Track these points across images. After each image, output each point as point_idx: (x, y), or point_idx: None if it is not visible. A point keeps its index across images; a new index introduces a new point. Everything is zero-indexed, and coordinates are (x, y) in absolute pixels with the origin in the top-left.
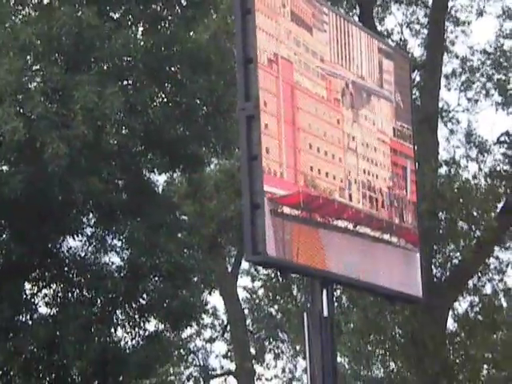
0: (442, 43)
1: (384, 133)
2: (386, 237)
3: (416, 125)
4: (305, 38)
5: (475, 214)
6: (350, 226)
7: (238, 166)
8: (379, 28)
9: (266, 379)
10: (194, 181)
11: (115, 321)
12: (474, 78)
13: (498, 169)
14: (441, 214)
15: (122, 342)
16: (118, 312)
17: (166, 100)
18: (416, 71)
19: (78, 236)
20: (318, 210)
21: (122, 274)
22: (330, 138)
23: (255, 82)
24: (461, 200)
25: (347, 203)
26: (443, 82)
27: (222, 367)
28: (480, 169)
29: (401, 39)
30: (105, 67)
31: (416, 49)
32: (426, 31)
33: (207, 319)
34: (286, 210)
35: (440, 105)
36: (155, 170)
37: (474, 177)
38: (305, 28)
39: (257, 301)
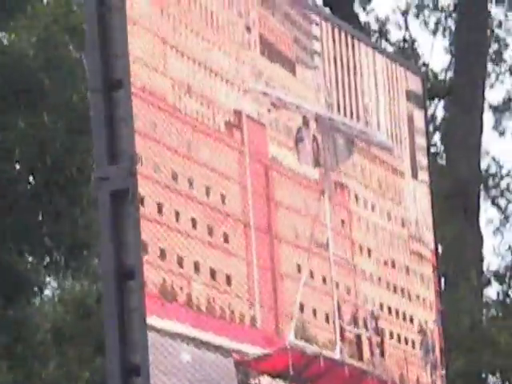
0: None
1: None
2: None
3: (438, 204)
4: (284, 81)
5: None
6: None
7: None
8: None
9: None
10: None
11: None
12: None
13: None
14: (491, 381)
15: None
16: None
17: None
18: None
19: None
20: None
21: None
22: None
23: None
24: None
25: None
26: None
27: None
28: None
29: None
30: None
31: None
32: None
33: None
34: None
35: (483, 165)
36: None
37: None
38: (283, 65)
39: None
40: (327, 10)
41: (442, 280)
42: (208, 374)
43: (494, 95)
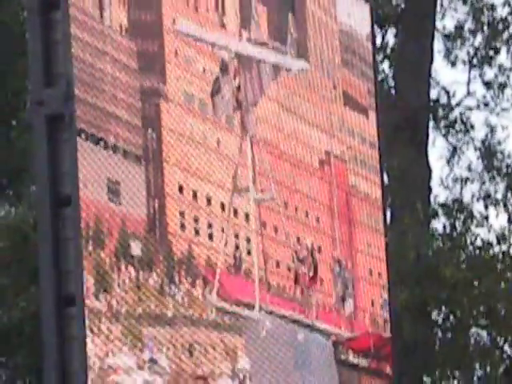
0: None
1: None
2: None
3: (387, 134)
4: (360, 124)
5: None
6: None
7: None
8: None
9: None
10: None
11: None
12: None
13: None
14: (436, 313)
15: None
16: None
17: None
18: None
19: None
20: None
21: None
22: None
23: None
24: (475, 283)
25: None
26: (439, 47)
27: None
28: None
29: None
30: None
31: None
32: None
33: None
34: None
35: (433, 95)
36: None
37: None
38: (359, 111)
39: None
40: None
41: (388, 212)
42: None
43: (446, 24)
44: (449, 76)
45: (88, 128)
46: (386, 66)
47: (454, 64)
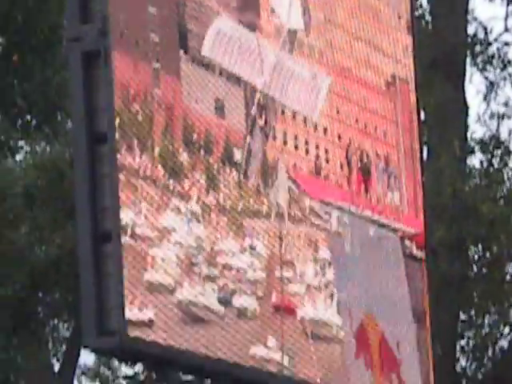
0: None
1: None
2: None
3: (423, 71)
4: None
5: None
6: None
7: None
8: None
9: None
10: None
11: None
12: None
13: None
14: (473, 248)
15: None
16: None
17: None
18: None
19: None
20: None
21: None
22: None
23: None
24: None
25: None
26: None
27: None
28: None
29: None
30: None
31: None
32: None
33: None
34: (415, 250)
35: (470, 31)
36: None
37: None
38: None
39: None
40: None
41: (425, 149)
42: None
43: None
44: (486, 11)
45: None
46: (423, 1)
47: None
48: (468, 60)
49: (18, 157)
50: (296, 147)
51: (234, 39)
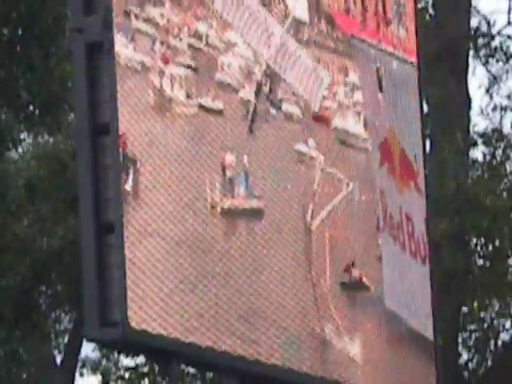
0: None
1: None
2: None
3: (427, 63)
4: None
5: None
6: None
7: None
8: None
9: None
10: None
11: None
12: None
13: None
14: (475, 240)
15: None
16: None
17: None
18: None
19: None
20: None
21: None
22: None
23: None
24: None
25: None
26: None
27: None
28: None
29: None
30: None
31: None
32: None
33: None
34: None
35: (473, 24)
36: None
37: None
38: None
39: None
40: None
41: (428, 142)
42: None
43: None
44: (489, 5)
45: None
46: None
47: None
48: (471, 53)
49: (21, 148)
50: None
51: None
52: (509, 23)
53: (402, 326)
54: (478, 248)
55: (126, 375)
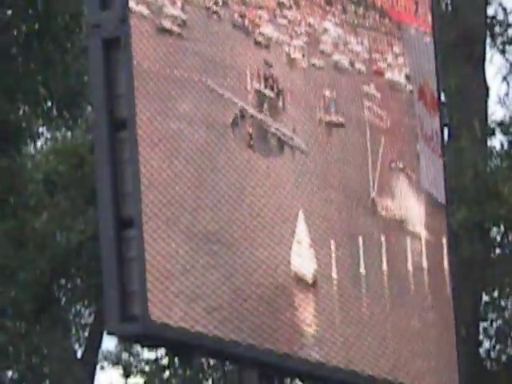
0: None
1: None
2: None
3: (443, 52)
4: None
5: None
6: None
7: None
8: None
9: None
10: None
11: None
12: None
13: None
14: (495, 229)
15: None
16: None
17: None
18: None
19: None
20: None
21: None
22: None
23: None
24: None
25: None
26: None
27: None
28: None
29: None
30: None
31: None
32: None
33: None
34: None
35: (490, 12)
36: None
37: None
38: None
39: None
40: None
41: (445, 131)
42: None
43: None
44: None
45: None
46: None
47: None
48: (488, 41)
49: (39, 143)
50: None
51: None
52: None
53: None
54: (498, 237)
55: (147, 368)
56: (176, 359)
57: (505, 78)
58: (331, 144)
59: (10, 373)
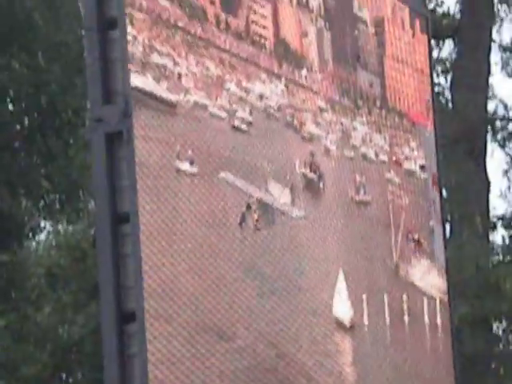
0: None
1: None
2: None
3: (444, 147)
4: None
5: None
6: None
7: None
8: None
9: None
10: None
11: None
12: None
13: None
14: (496, 327)
15: None
16: None
17: None
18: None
19: None
20: None
21: None
22: None
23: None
24: None
25: None
26: (496, 59)
27: None
28: None
29: None
30: None
31: None
32: None
33: None
34: None
35: (491, 107)
36: None
37: None
38: None
39: None
40: None
41: (447, 226)
42: None
43: (503, 36)
44: (506, 88)
45: None
46: (442, 79)
47: (511, 76)
48: (489, 136)
49: (42, 236)
50: None
51: None
52: None
53: None
54: (500, 332)
55: None
56: None
57: (506, 173)
58: (362, 218)
59: None
